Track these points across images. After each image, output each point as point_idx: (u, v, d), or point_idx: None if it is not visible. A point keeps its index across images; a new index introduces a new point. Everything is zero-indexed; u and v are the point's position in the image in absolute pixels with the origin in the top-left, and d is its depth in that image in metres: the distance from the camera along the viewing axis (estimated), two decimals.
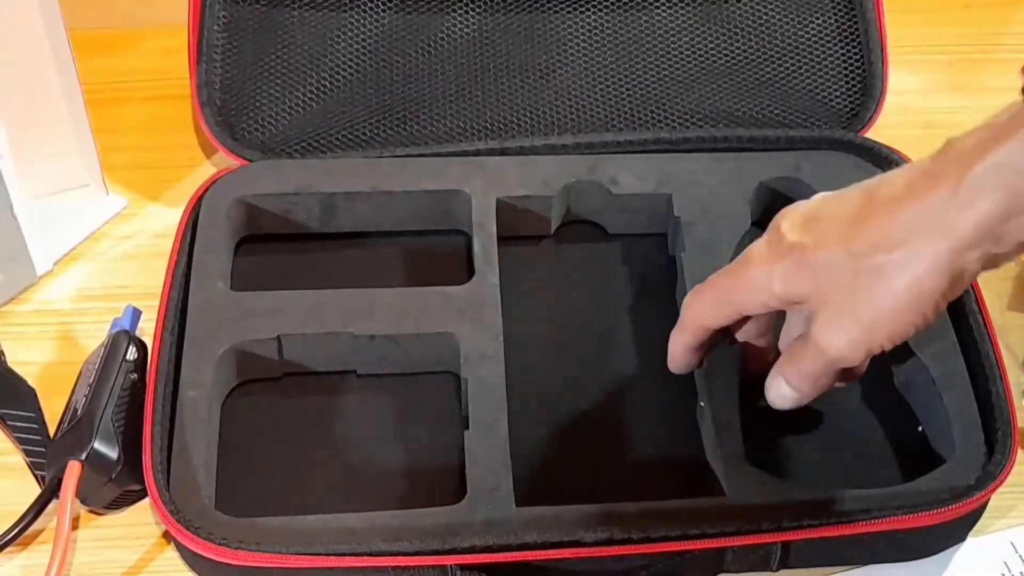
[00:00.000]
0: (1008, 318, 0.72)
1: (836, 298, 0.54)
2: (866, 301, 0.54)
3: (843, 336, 0.55)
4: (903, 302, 0.53)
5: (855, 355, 0.55)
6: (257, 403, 0.67)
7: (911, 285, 0.52)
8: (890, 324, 0.54)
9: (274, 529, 0.58)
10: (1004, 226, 0.51)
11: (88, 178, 0.76)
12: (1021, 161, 0.50)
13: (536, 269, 0.73)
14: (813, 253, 0.55)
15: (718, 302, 0.60)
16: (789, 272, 0.55)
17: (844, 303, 0.54)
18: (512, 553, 0.58)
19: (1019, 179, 0.50)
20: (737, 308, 0.59)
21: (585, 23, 0.78)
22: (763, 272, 0.56)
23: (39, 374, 0.68)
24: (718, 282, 0.59)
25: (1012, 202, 0.50)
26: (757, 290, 0.57)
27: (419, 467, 0.64)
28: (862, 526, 0.59)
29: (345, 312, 0.66)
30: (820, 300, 0.55)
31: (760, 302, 0.57)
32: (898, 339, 0.54)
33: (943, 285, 0.53)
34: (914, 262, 0.52)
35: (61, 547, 0.58)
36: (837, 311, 0.54)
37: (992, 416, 0.63)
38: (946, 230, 0.52)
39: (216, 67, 0.75)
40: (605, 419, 0.66)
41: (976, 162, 0.51)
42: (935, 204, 0.52)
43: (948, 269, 0.52)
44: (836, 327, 0.55)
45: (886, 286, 0.53)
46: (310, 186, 0.72)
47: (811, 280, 0.55)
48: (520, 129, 0.76)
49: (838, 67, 0.78)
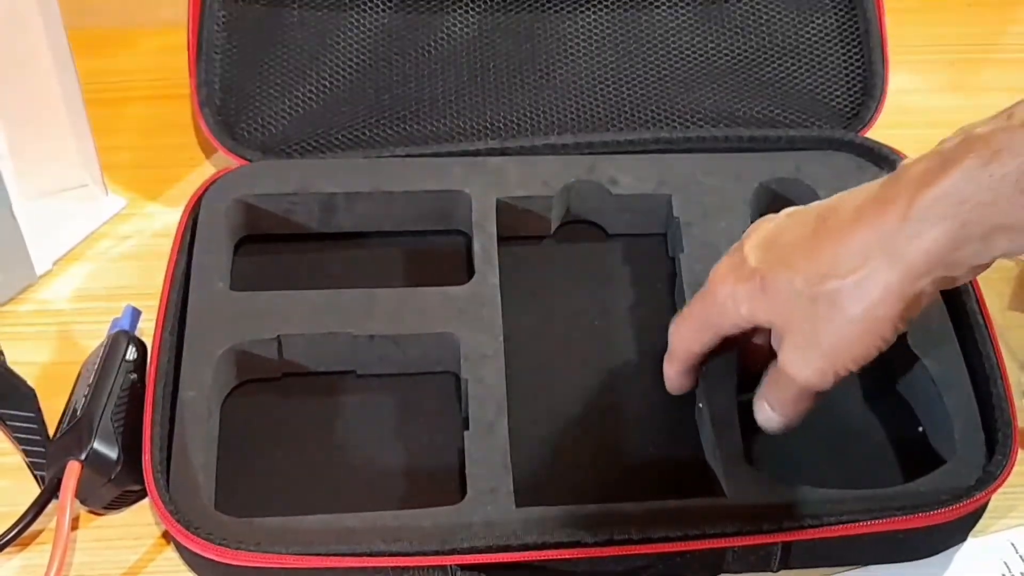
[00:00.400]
0: (1008, 318, 0.72)
1: (797, 327, 0.55)
2: (825, 329, 0.54)
3: (808, 365, 0.56)
4: (861, 329, 0.53)
5: (823, 382, 0.56)
6: (257, 403, 0.67)
7: (865, 312, 0.53)
8: (851, 350, 0.54)
9: (274, 529, 0.58)
10: (954, 254, 0.51)
11: (88, 178, 0.76)
12: (968, 191, 0.50)
13: (536, 269, 0.73)
14: (772, 280, 0.55)
15: (698, 327, 0.60)
16: (752, 297, 0.56)
17: (806, 332, 0.55)
18: (512, 553, 0.58)
19: (966, 208, 0.50)
20: (715, 331, 0.60)
21: (585, 23, 0.78)
22: (729, 295, 0.57)
23: (39, 374, 0.68)
24: (693, 307, 0.60)
25: (960, 232, 0.50)
26: (727, 313, 0.58)
27: (419, 467, 0.64)
28: (862, 526, 0.59)
29: (345, 312, 0.66)
30: (784, 327, 0.56)
31: (733, 324, 0.58)
32: (863, 361, 0.55)
33: (897, 310, 0.53)
34: (866, 289, 0.52)
35: (61, 547, 0.58)
36: (800, 340, 0.55)
37: (992, 416, 0.63)
38: (896, 258, 0.52)
39: (216, 67, 0.75)
40: (605, 419, 0.66)
41: (924, 191, 0.51)
42: (884, 232, 0.52)
43: (900, 295, 0.52)
44: (800, 356, 0.56)
45: (842, 314, 0.53)
46: (310, 186, 0.72)
47: (772, 307, 0.56)
48: (520, 129, 0.76)
49: (838, 67, 0.78)
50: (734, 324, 0.58)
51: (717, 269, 0.59)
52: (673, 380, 0.64)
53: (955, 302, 0.67)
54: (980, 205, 0.50)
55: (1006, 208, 0.49)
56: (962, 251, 0.51)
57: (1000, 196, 0.49)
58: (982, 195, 0.49)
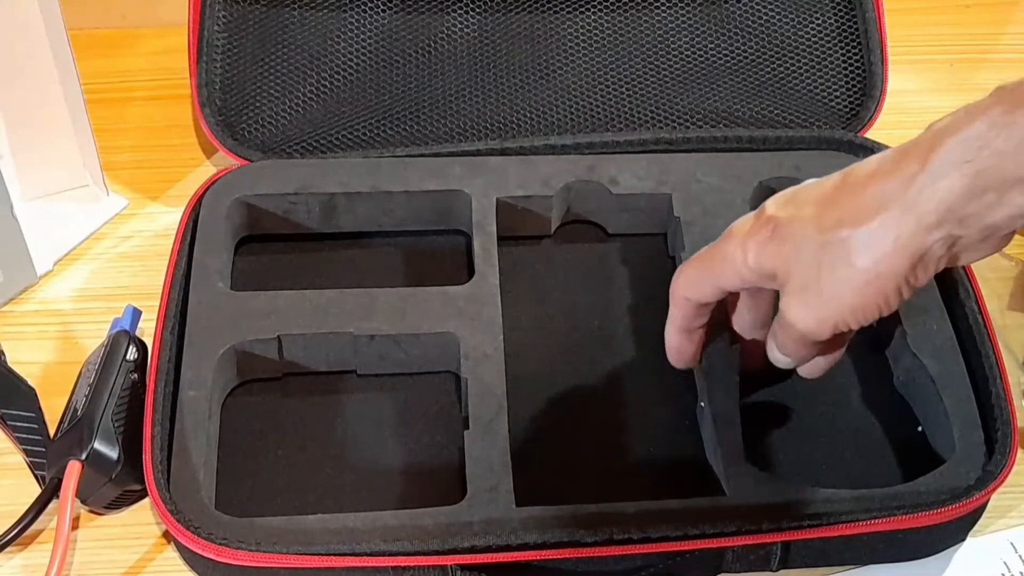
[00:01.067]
0: (1008, 318, 0.72)
1: (802, 272, 0.54)
2: (829, 276, 0.53)
3: (806, 310, 0.55)
4: (864, 279, 0.53)
5: (821, 330, 0.55)
6: (257, 403, 0.67)
7: (873, 263, 0.52)
8: (851, 300, 0.54)
9: (274, 529, 0.58)
10: (968, 206, 0.50)
11: (88, 178, 0.76)
12: (989, 138, 0.49)
13: (536, 269, 0.73)
14: (786, 226, 0.55)
15: (699, 274, 0.59)
16: (761, 244, 0.56)
17: (809, 277, 0.54)
18: (512, 553, 0.58)
19: (986, 155, 0.50)
20: (716, 281, 0.59)
21: (585, 23, 0.78)
22: (739, 244, 0.56)
23: (39, 374, 0.68)
24: (700, 254, 0.59)
25: (977, 180, 0.50)
26: (733, 262, 0.57)
27: (419, 467, 0.64)
28: (862, 526, 0.59)
29: (345, 312, 0.66)
30: (787, 274, 0.55)
31: (735, 273, 0.57)
32: (863, 318, 0.54)
33: (904, 266, 0.52)
34: (877, 239, 0.52)
35: (61, 547, 0.58)
36: (802, 285, 0.55)
37: (992, 416, 0.63)
38: (910, 207, 0.51)
39: (216, 67, 0.75)
40: (605, 419, 0.66)
41: (946, 139, 0.51)
42: (901, 181, 0.52)
43: (909, 249, 0.52)
44: (800, 301, 0.55)
45: (848, 262, 0.53)
46: (310, 186, 0.72)
47: (780, 253, 0.55)
48: (520, 129, 0.76)
49: (838, 67, 0.78)
50: (737, 274, 0.57)
51: (733, 225, 0.58)
52: (671, 339, 0.63)
53: (955, 302, 0.67)
54: (1000, 154, 0.49)
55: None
56: (976, 203, 0.50)
57: (1021, 145, 0.49)
58: (1003, 143, 0.49)
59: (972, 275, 0.68)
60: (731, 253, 0.57)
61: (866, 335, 0.68)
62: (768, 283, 0.57)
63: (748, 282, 0.57)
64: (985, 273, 0.71)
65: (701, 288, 0.60)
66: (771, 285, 0.57)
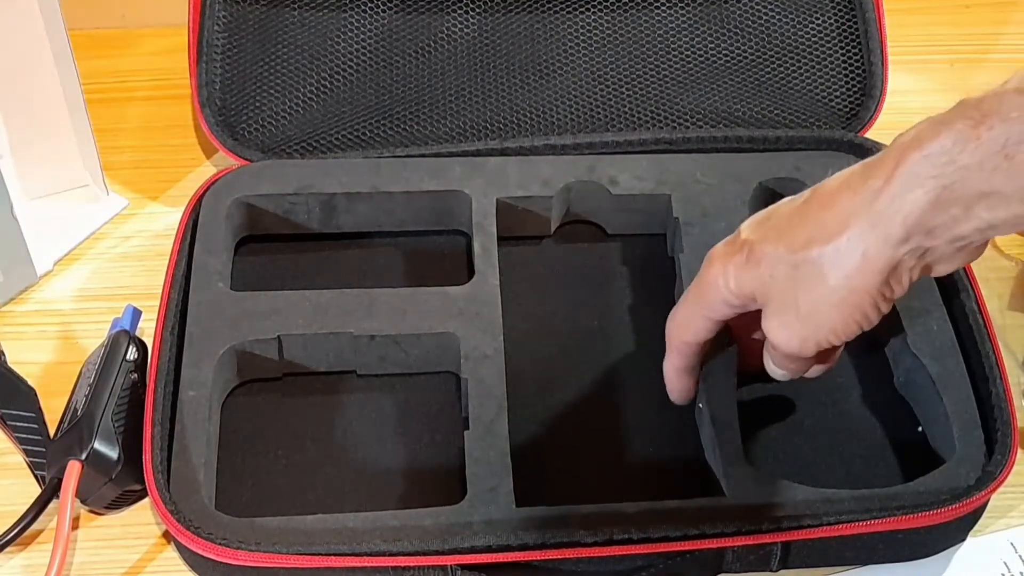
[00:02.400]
0: (1008, 318, 0.72)
1: (779, 293, 0.55)
2: (804, 296, 0.54)
3: (786, 331, 0.55)
4: (839, 297, 0.53)
5: (803, 349, 0.56)
6: (257, 403, 0.67)
7: (845, 279, 0.52)
8: (830, 319, 0.54)
9: (274, 529, 0.58)
10: (935, 219, 0.51)
11: (88, 178, 0.76)
12: (954, 152, 0.50)
13: (536, 269, 0.73)
14: (759, 248, 0.55)
15: (691, 310, 0.60)
16: (739, 268, 0.56)
17: (786, 298, 0.55)
18: (512, 553, 0.58)
19: (951, 171, 0.50)
20: (705, 313, 0.59)
21: (585, 23, 0.78)
22: (720, 271, 0.57)
23: (39, 374, 0.68)
24: (688, 292, 0.60)
25: (942, 195, 0.50)
26: (717, 290, 0.57)
27: (419, 467, 0.64)
28: (862, 526, 0.59)
29: (345, 312, 0.66)
30: (766, 296, 0.56)
31: (721, 301, 0.58)
32: (844, 334, 0.55)
33: (876, 280, 0.52)
34: (846, 255, 0.52)
35: (61, 547, 0.58)
36: (780, 306, 0.55)
37: (992, 416, 0.63)
38: (876, 221, 0.51)
39: (216, 67, 0.75)
40: (605, 419, 0.66)
41: (911, 153, 0.51)
42: (867, 196, 0.52)
43: (879, 263, 0.52)
44: (779, 322, 0.55)
45: (822, 281, 0.53)
46: (310, 186, 0.72)
47: (757, 276, 0.55)
48: (520, 129, 0.76)
49: (838, 67, 0.78)
50: (723, 301, 0.57)
51: (712, 251, 0.58)
52: (672, 380, 0.63)
53: (955, 302, 0.67)
54: (964, 168, 0.49)
55: (989, 173, 0.49)
56: (942, 216, 0.50)
57: (985, 160, 0.49)
58: (968, 157, 0.49)
59: (972, 275, 0.68)
60: (713, 280, 0.57)
61: (866, 335, 0.69)
62: (752, 305, 0.57)
63: (735, 307, 0.58)
64: (985, 273, 0.71)
65: (695, 325, 0.60)
66: (755, 307, 0.57)
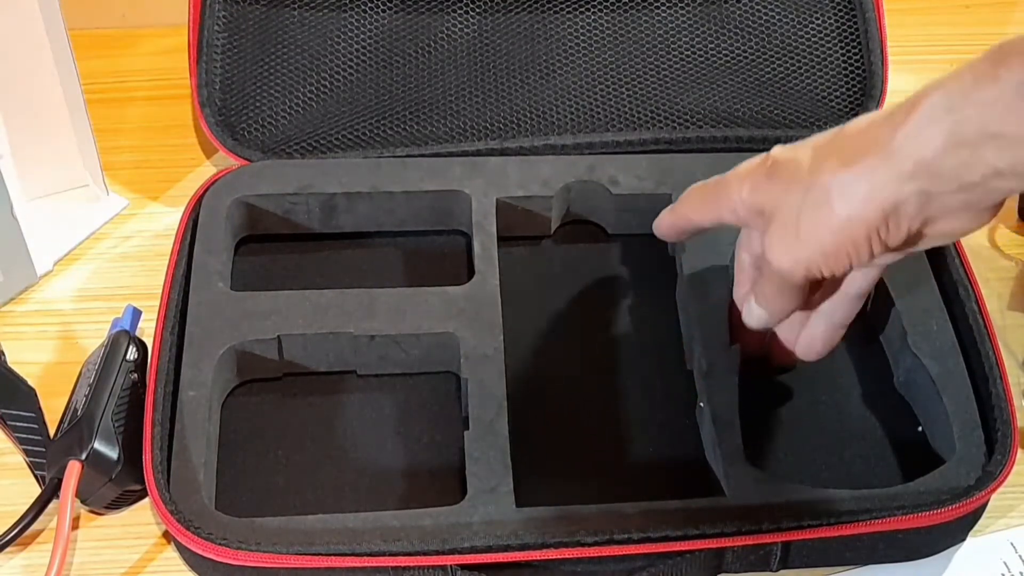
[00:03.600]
0: (1008, 318, 0.72)
1: (786, 211, 0.56)
2: (807, 217, 0.55)
3: (783, 248, 0.56)
4: (838, 223, 0.54)
5: (795, 271, 0.56)
6: (257, 403, 0.67)
7: (847, 207, 0.53)
8: (824, 244, 0.54)
9: (274, 529, 0.58)
10: (944, 159, 0.51)
11: (88, 178, 0.76)
12: (971, 89, 0.50)
13: (536, 269, 0.73)
14: (782, 164, 0.56)
15: (702, 200, 0.61)
16: (758, 179, 0.57)
17: (791, 217, 0.55)
18: (512, 553, 0.58)
19: (966, 106, 0.50)
20: (715, 211, 0.60)
21: (585, 23, 0.78)
22: (739, 179, 0.58)
23: (39, 374, 0.68)
24: (708, 183, 0.61)
25: (955, 131, 0.50)
26: (730, 195, 0.59)
27: (419, 467, 0.64)
28: (862, 526, 0.59)
29: (345, 312, 0.66)
30: (773, 212, 0.56)
31: (730, 207, 0.59)
32: (834, 264, 0.55)
33: (876, 215, 0.53)
34: (854, 185, 0.53)
35: (61, 547, 0.58)
36: (782, 223, 0.56)
37: (992, 416, 0.63)
38: (889, 155, 0.52)
39: (216, 67, 0.75)
40: (605, 419, 0.66)
41: (935, 90, 0.51)
42: (888, 129, 0.52)
43: (881, 197, 0.52)
44: (779, 239, 0.56)
45: (827, 204, 0.54)
46: (310, 186, 0.72)
47: (771, 191, 0.56)
48: (520, 129, 0.76)
49: (838, 67, 0.78)
50: (731, 208, 0.59)
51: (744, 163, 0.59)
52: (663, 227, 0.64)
53: (955, 302, 0.67)
54: (979, 105, 0.49)
55: (1003, 113, 0.49)
56: (951, 158, 0.51)
57: (1001, 98, 0.49)
58: (983, 95, 0.49)
59: (972, 275, 0.68)
60: (730, 184, 0.59)
61: (866, 335, 0.69)
62: (757, 221, 0.58)
63: (741, 219, 0.59)
64: (985, 273, 0.71)
65: (702, 212, 0.61)
66: (759, 224, 0.58)
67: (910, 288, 0.67)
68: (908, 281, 0.68)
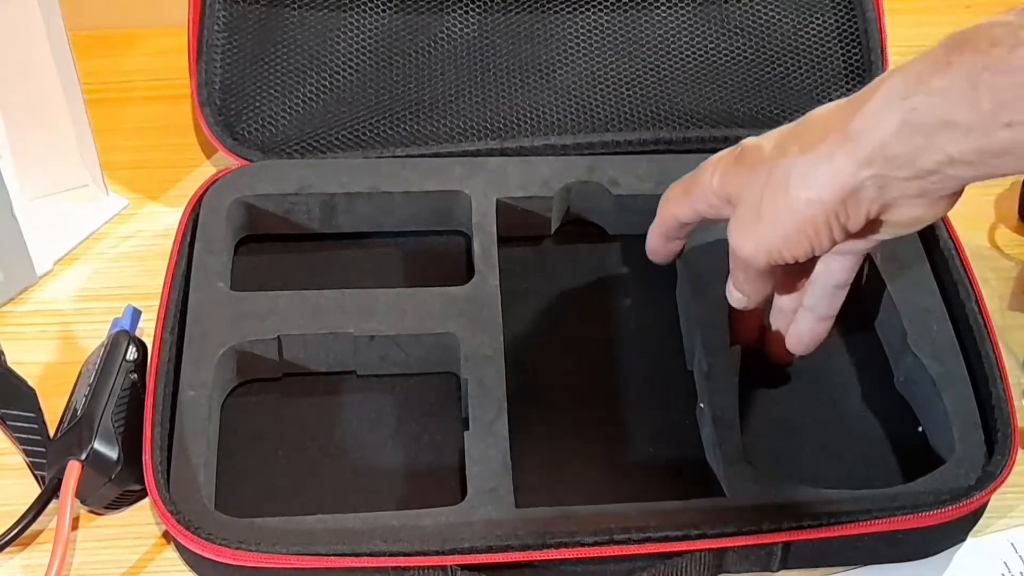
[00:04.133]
0: (1008, 318, 0.72)
1: (749, 196, 0.56)
2: (768, 201, 0.55)
3: (744, 234, 0.56)
4: (796, 207, 0.54)
5: (757, 256, 0.56)
6: (257, 403, 0.67)
7: (805, 191, 0.53)
8: (783, 228, 0.55)
9: (274, 529, 0.58)
10: (899, 144, 0.51)
11: (88, 178, 0.76)
12: (925, 76, 0.50)
13: (536, 269, 0.73)
14: (749, 153, 0.57)
15: (680, 194, 0.62)
16: (727, 167, 0.58)
17: (753, 201, 0.56)
18: (512, 553, 0.58)
19: (920, 94, 0.50)
20: (691, 203, 0.61)
21: (585, 23, 0.78)
22: (712, 166, 0.59)
23: (39, 374, 0.68)
24: (685, 177, 0.62)
25: (909, 117, 0.50)
26: (703, 183, 0.59)
27: (419, 467, 0.64)
28: (862, 526, 0.59)
29: (345, 312, 0.66)
30: (739, 197, 0.57)
31: (703, 196, 0.59)
32: (795, 248, 0.55)
33: (834, 198, 0.53)
34: (813, 168, 0.53)
35: (61, 547, 0.58)
36: (746, 208, 0.56)
37: (992, 416, 0.63)
38: (847, 139, 0.52)
39: (216, 67, 0.75)
40: (605, 419, 0.66)
41: (893, 75, 0.51)
42: (848, 113, 0.53)
43: (839, 181, 0.52)
44: (741, 224, 0.57)
45: (786, 188, 0.54)
46: (310, 186, 0.72)
47: (738, 177, 0.57)
48: (520, 129, 0.76)
49: (838, 67, 0.78)
50: (704, 197, 0.59)
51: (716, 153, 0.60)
52: (653, 242, 0.65)
53: (955, 302, 0.67)
54: (932, 93, 0.50)
55: (955, 101, 0.49)
56: (906, 145, 0.51)
57: (952, 87, 0.49)
58: (937, 82, 0.50)
59: (972, 275, 0.68)
60: (704, 177, 0.59)
61: (866, 335, 0.69)
62: (727, 209, 0.58)
63: (713, 207, 0.59)
64: (985, 273, 0.71)
65: (681, 207, 0.62)
66: (727, 212, 0.58)
67: (910, 288, 0.68)
68: (908, 281, 0.68)
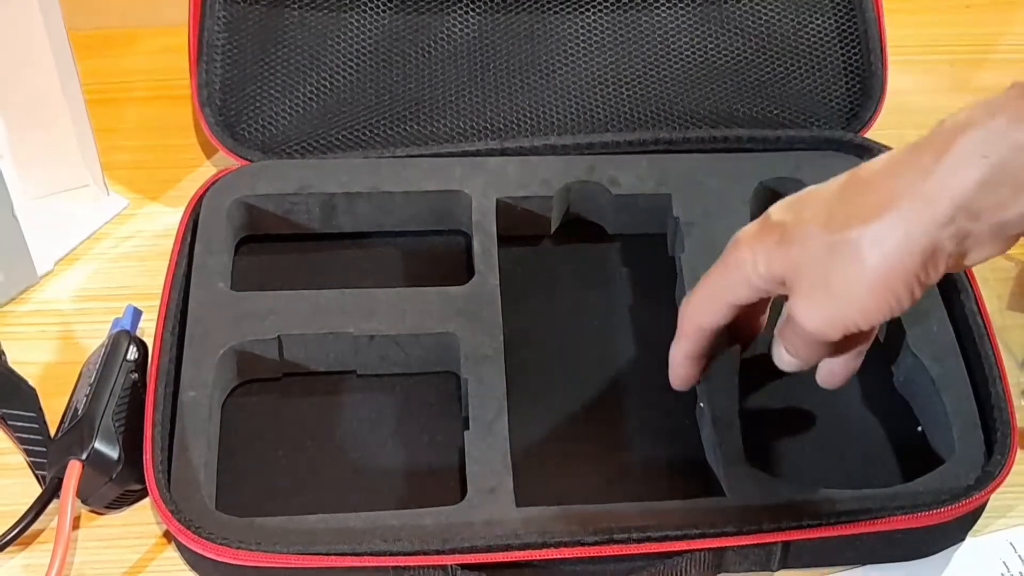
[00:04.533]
0: (1008, 318, 0.72)
1: (811, 273, 0.54)
2: (838, 275, 0.53)
3: (815, 311, 0.54)
4: (875, 278, 0.52)
5: (831, 331, 0.54)
6: (257, 403, 0.67)
7: (883, 260, 0.51)
8: (861, 300, 0.53)
9: (274, 529, 0.58)
10: (983, 200, 0.50)
11: (88, 178, 0.76)
12: (1007, 132, 0.49)
13: (536, 269, 0.73)
14: (793, 229, 0.54)
15: (711, 295, 0.58)
16: (771, 250, 0.55)
17: (818, 277, 0.53)
18: (512, 553, 0.58)
19: (1003, 148, 0.49)
20: (728, 298, 0.58)
21: (585, 23, 0.78)
22: (748, 252, 0.56)
23: (40, 374, 0.68)
24: (708, 275, 0.59)
25: (993, 173, 0.49)
26: (744, 272, 0.56)
27: (419, 467, 0.64)
28: (862, 526, 0.59)
29: (345, 312, 0.66)
30: (796, 277, 0.54)
31: (747, 284, 0.56)
32: (873, 318, 0.53)
33: (916, 263, 0.51)
34: (887, 236, 0.51)
35: (62, 547, 0.58)
36: (811, 285, 0.54)
37: (991, 416, 0.63)
38: (923, 201, 0.50)
39: (216, 67, 0.75)
40: (605, 419, 0.66)
41: (967, 132, 0.50)
42: (915, 175, 0.51)
43: (921, 244, 0.51)
44: (809, 301, 0.54)
45: (858, 260, 0.52)
46: (310, 186, 0.72)
47: (788, 257, 0.54)
48: (520, 129, 0.76)
49: (838, 67, 0.78)
50: (749, 284, 0.56)
51: (739, 233, 0.57)
52: (678, 367, 0.62)
53: (955, 303, 0.67)
54: (1018, 148, 0.49)
55: None
56: (990, 198, 0.50)
57: None
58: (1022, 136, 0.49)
59: (972, 275, 0.68)
60: (741, 261, 0.56)
61: None
62: (779, 289, 0.56)
63: (760, 291, 0.56)
64: (985, 273, 0.71)
65: (714, 309, 0.58)
66: (782, 291, 0.56)
67: None
68: None
